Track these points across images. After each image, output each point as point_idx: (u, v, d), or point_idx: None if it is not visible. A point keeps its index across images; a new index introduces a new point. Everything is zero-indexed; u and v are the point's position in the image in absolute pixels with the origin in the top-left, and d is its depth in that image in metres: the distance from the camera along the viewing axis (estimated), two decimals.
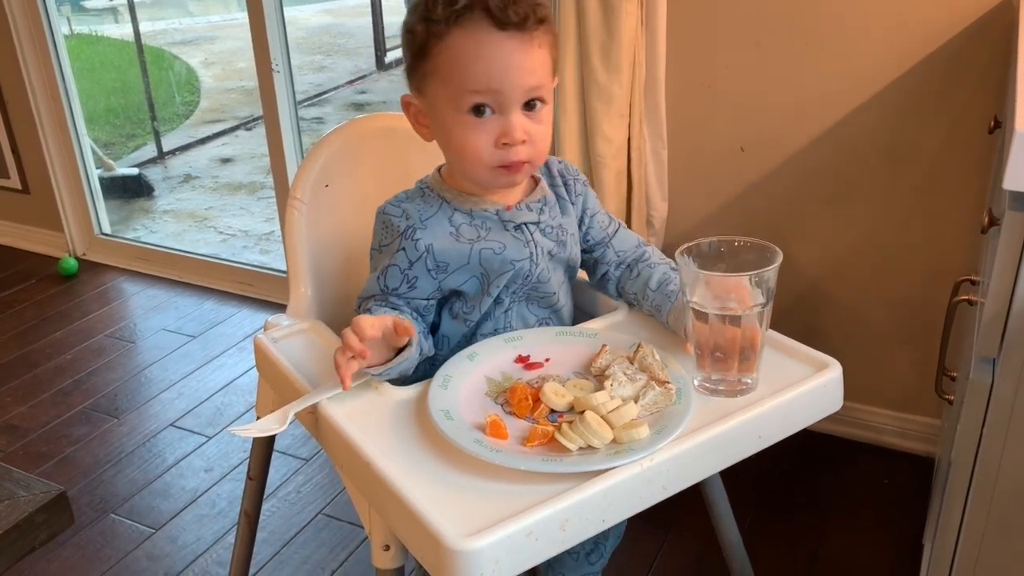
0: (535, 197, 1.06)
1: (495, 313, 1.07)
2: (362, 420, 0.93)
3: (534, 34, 0.94)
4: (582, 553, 1.28)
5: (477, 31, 0.93)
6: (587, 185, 1.13)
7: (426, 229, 1.02)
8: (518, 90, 0.95)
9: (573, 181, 1.11)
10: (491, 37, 0.93)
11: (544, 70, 0.97)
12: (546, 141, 1.00)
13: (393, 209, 1.04)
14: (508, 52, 0.94)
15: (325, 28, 6.34)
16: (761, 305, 0.88)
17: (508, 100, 0.95)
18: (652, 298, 1.07)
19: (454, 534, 0.76)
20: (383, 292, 1.03)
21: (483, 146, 0.97)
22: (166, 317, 2.51)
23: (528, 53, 0.94)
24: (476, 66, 0.94)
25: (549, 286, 1.08)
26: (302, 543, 1.66)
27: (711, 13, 1.66)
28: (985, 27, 1.48)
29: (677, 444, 0.86)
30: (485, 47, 0.93)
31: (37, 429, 2.02)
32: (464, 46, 0.94)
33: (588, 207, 1.12)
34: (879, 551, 1.57)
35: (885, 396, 1.80)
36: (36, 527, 0.68)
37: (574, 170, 1.13)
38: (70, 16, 5.45)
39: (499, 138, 0.96)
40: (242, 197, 3.72)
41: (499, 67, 0.94)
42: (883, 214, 1.68)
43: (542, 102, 0.98)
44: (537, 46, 0.95)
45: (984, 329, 0.89)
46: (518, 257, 1.03)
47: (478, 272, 1.03)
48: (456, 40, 0.94)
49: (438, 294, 1.05)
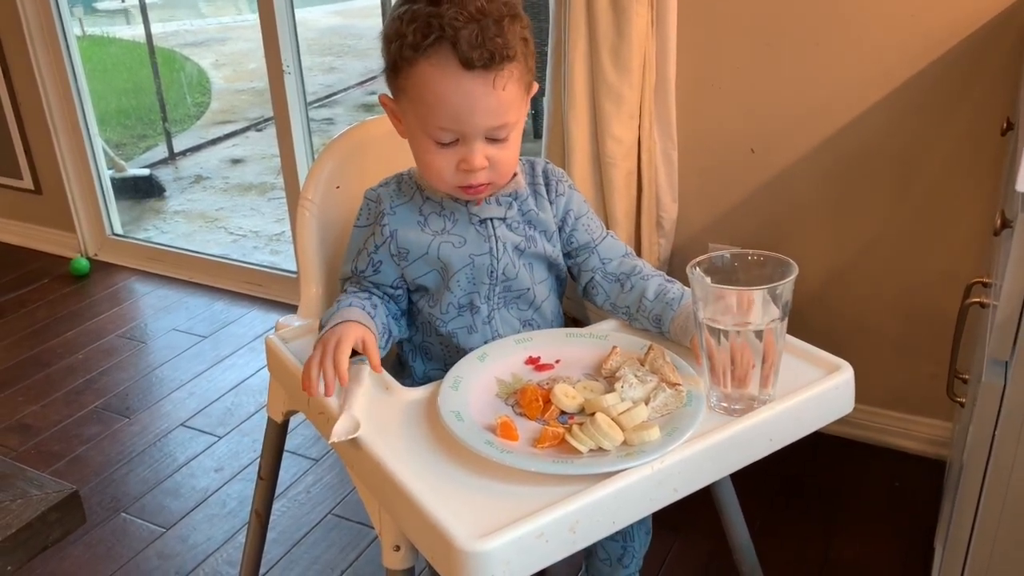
0: (507, 190, 1.08)
1: (477, 323, 1.08)
2: (373, 421, 0.93)
3: (500, 73, 0.95)
4: (613, 558, 1.28)
5: (444, 67, 0.94)
6: (572, 188, 1.14)
7: (394, 215, 1.06)
8: (480, 129, 0.97)
9: (556, 182, 1.12)
10: (457, 78, 0.94)
11: (510, 106, 0.98)
12: (510, 163, 1.02)
13: (372, 193, 1.10)
14: (473, 96, 0.95)
15: (335, 29, 6.35)
16: (778, 320, 0.87)
17: (471, 136, 0.98)
18: (650, 308, 1.05)
19: (465, 535, 0.76)
20: (354, 273, 1.08)
21: (445, 168, 1.00)
22: (177, 317, 2.51)
23: (492, 95, 0.96)
24: (441, 107, 0.96)
25: (520, 282, 1.08)
26: (312, 543, 1.67)
27: (721, 14, 1.66)
28: (997, 28, 1.47)
29: (688, 446, 0.85)
30: (450, 89, 0.95)
31: (49, 428, 2.03)
32: (430, 82, 0.95)
33: (572, 209, 1.12)
34: (890, 554, 1.57)
35: (896, 399, 1.80)
36: (49, 525, 0.69)
37: (560, 172, 1.14)
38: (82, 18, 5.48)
39: (459, 164, 0.99)
40: (253, 198, 3.73)
41: (464, 109, 0.96)
42: (894, 215, 1.67)
43: (507, 129, 1.00)
44: (502, 87, 0.96)
45: (996, 332, 0.88)
46: (477, 252, 1.05)
47: (437, 266, 1.05)
48: (424, 72, 0.95)
49: (403, 283, 1.08)
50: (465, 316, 1.08)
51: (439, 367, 1.10)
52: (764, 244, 1.72)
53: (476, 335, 1.08)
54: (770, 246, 1.14)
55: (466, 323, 1.08)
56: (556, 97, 1.76)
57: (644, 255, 1.81)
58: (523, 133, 1.04)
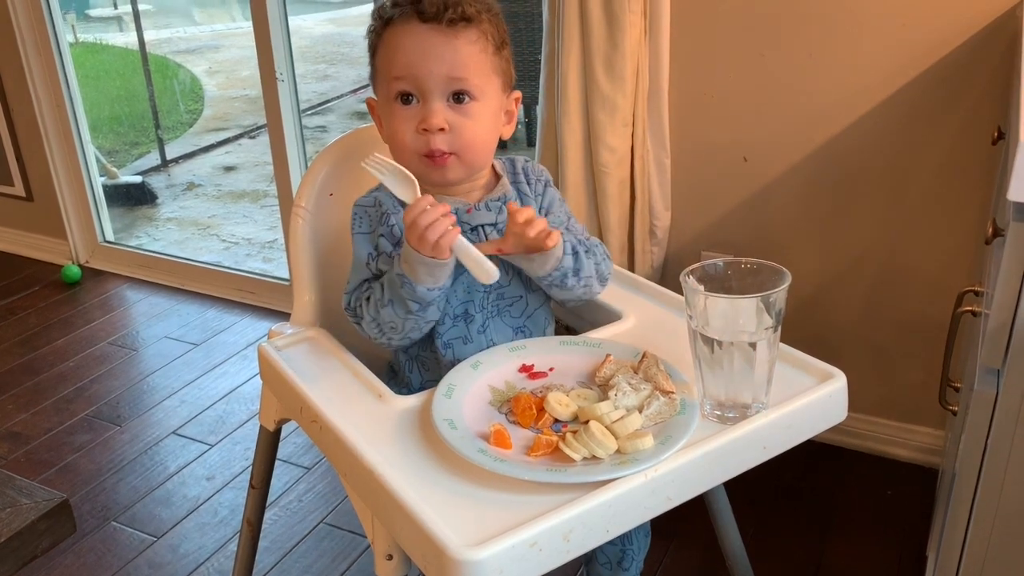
0: (495, 195, 1.08)
1: (472, 333, 1.07)
2: (365, 429, 0.93)
3: (458, 30, 1.00)
4: (612, 562, 1.28)
5: (406, 24, 1.01)
6: (550, 186, 1.14)
7: (398, 214, 1.06)
8: (436, 77, 1.00)
9: (535, 181, 1.13)
10: (414, 28, 1.01)
11: (472, 67, 1.01)
12: (474, 135, 1.03)
13: (366, 200, 1.10)
14: (427, 41, 1.01)
15: (329, 37, 6.36)
16: (771, 328, 0.87)
17: (427, 87, 1.01)
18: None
19: (458, 544, 0.76)
20: (377, 276, 1.07)
21: (407, 132, 1.02)
22: (169, 325, 2.51)
23: (448, 44, 1.00)
24: (397, 55, 1.01)
25: (513, 289, 1.09)
26: (304, 552, 1.66)
27: (714, 24, 1.67)
28: (989, 38, 1.48)
29: (682, 455, 0.85)
30: (407, 37, 1.01)
31: (39, 436, 2.02)
32: (392, 39, 1.02)
33: (544, 206, 1.13)
34: (882, 562, 1.57)
35: (889, 407, 1.80)
36: (38, 535, 0.68)
37: (539, 170, 1.14)
38: (75, 24, 5.47)
39: (419, 124, 1.01)
40: (245, 205, 3.72)
41: (417, 54, 1.00)
42: (886, 224, 1.68)
43: (470, 97, 1.02)
44: (464, 42, 1.01)
45: (988, 340, 0.88)
46: None
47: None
48: (388, 36, 1.03)
49: None
50: (460, 326, 1.07)
51: (437, 378, 1.10)
52: (757, 252, 1.72)
53: (471, 345, 1.07)
54: (763, 254, 1.14)
55: (461, 333, 1.07)
56: (549, 106, 1.76)
57: (637, 263, 1.81)
58: (517, 142, 1.05)
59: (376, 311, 1.03)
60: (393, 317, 1.01)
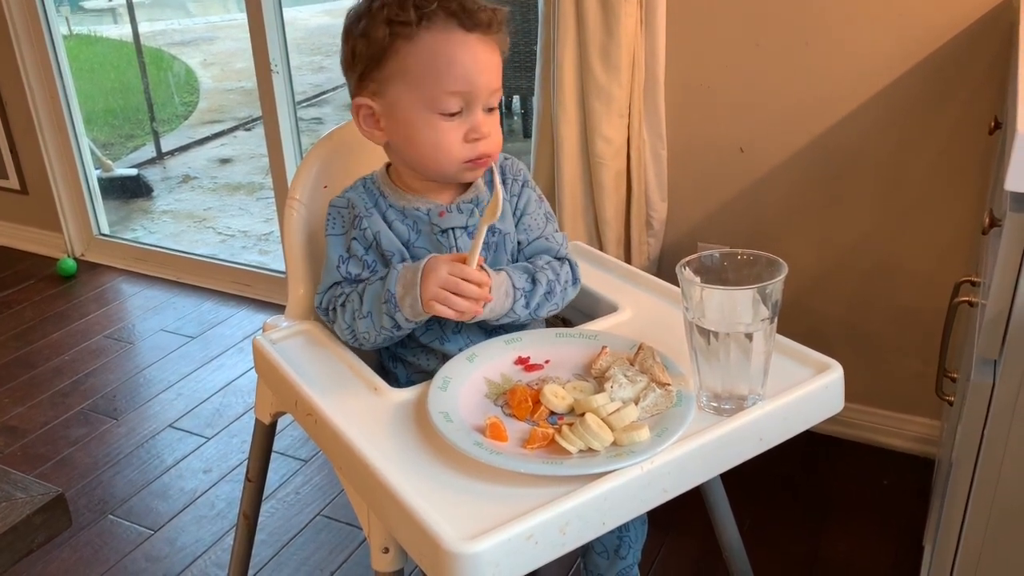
0: (467, 197, 1.08)
1: (447, 333, 1.07)
2: (361, 422, 0.93)
3: (496, 37, 1.00)
4: (609, 550, 1.28)
5: (449, 31, 0.98)
6: (527, 186, 1.12)
7: (370, 217, 1.06)
8: (486, 90, 1.00)
9: (511, 180, 1.11)
10: (463, 38, 0.98)
11: (501, 72, 1.03)
12: (500, 137, 1.05)
13: (339, 200, 1.09)
14: (481, 54, 0.99)
15: (324, 29, 6.33)
16: (767, 319, 0.87)
17: (477, 100, 1.00)
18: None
19: (453, 537, 0.75)
20: (347, 278, 1.07)
21: (454, 142, 1.01)
22: (165, 318, 2.50)
23: (493, 56, 1.01)
24: (452, 70, 0.98)
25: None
26: (301, 545, 1.66)
27: (710, 14, 1.66)
28: (985, 27, 1.48)
29: (678, 447, 0.85)
30: (458, 49, 0.98)
31: (35, 430, 2.01)
32: (436, 48, 0.98)
33: (520, 207, 1.11)
34: (879, 553, 1.57)
35: (885, 397, 1.80)
36: (34, 529, 0.68)
37: (517, 168, 1.13)
38: (69, 16, 5.45)
39: (468, 134, 1.01)
40: (241, 198, 3.71)
41: (474, 69, 0.99)
42: (883, 215, 1.67)
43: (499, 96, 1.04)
44: (499, 50, 1.01)
45: (985, 330, 0.88)
46: None
47: None
48: (427, 42, 0.98)
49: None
50: (435, 328, 1.07)
51: (420, 373, 1.09)
52: (753, 243, 1.73)
53: (449, 344, 1.07)
54: (759, 245, 1.14)
55: (436, 335, 1.07)
56: (545, 97, 1.76)
57: (634, 254, 1.81)
58: (513, 133, 1.05)
59: (352, 320, 1.03)
60: (369, 329, 1.02)
